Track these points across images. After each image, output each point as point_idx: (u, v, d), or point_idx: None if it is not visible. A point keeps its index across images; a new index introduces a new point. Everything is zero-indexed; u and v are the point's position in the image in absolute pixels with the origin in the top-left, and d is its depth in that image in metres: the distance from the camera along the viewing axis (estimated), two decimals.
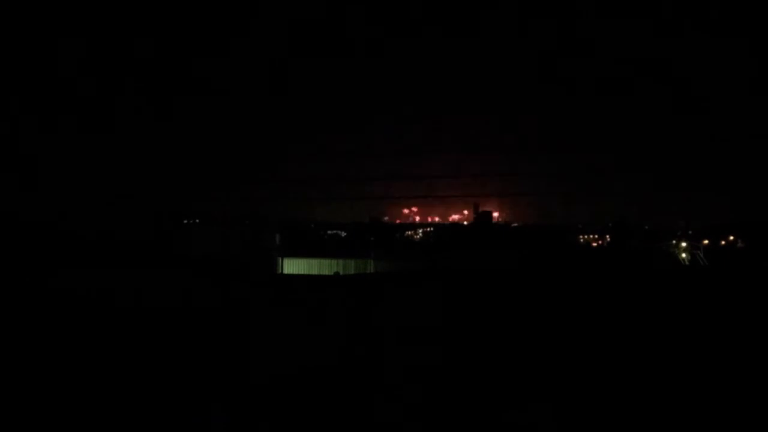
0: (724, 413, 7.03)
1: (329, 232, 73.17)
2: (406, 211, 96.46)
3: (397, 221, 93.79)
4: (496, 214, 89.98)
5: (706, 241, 53.99)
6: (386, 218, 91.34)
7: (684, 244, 48.95)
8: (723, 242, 65.16)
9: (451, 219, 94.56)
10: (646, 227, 72.60)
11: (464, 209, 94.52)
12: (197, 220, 47.33)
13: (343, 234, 71.87)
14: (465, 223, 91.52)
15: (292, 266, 38.93)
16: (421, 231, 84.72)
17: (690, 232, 57.26)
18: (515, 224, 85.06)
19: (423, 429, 6.47)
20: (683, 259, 46.80)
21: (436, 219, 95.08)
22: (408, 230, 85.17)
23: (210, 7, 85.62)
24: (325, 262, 39.01)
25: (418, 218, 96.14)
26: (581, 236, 76.25)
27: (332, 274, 36.25)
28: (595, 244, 73.91)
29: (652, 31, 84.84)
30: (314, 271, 37.87)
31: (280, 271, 37.97)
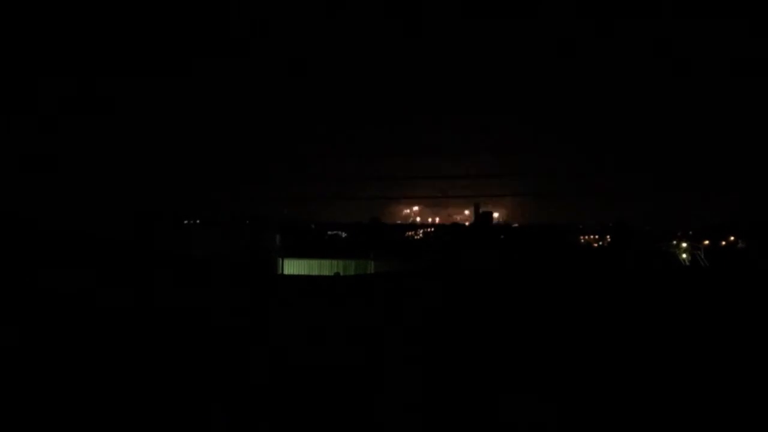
0: (725, 413, 7.01)
1: (329, 232, 73.16)
2: (406, 211, 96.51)
3: (397, 221, 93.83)
4: (496, 215, 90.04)
5: (706, 242, 54.02)
6: (386, 218, 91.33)
7: (684, 245, 49.00)
8: (723, 242, 65.11)
9: (451, 219, 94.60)
10: (647, 227, 72.60)
11: (464, 209, 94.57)
12: (197, 221, 47.33)
13: (344, 234, 71.88)
14: (465, 223, 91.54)
15: (292, 267, 38.97)
16: (421, 231, 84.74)
17: (690, 232, 57.27)
18: (515, 224, 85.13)
19: (423, 429, 6.44)
20: (684, 259, 46.82)
21: (437, 219, 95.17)
22: (408, 230, 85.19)
23: (211, 6, 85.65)
24: (326, 262, 39.06)
25: (418, 218, 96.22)
26: (581, 236, 76.22)
27: (332, 274, 36.26)
28: (595, 245, 73.88)
29: (652, 31, 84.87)
30: (314, 272, 37.90)
31: (280, 271, 38.01)
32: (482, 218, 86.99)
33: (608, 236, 73.60)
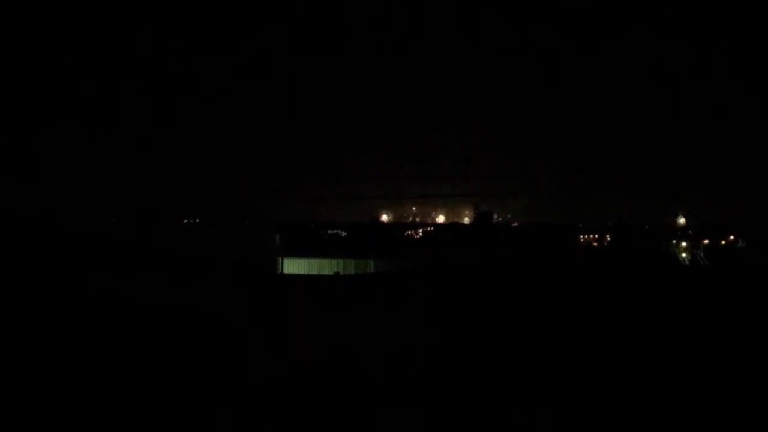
0: (725, 412, 7.03)
1: (329, 232, 73.08)
2: (406, 211, 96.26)
3: (397, 221, 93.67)
4: (496, 215, 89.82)
5: (706, 241, 54.03)
6: (386, 218, 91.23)
7: (684, 244, 49.09)
8: (723, 242, 65.07)
9: (451, 219, 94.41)
10: (646, 227, 72.50)
11: (464, 209, 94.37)
12: (197, 220, 47.30)
13: (343, 234, 71.80)
14: (465, 222, 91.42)
15: (292, 266, 38.94)
16: (421, 231, 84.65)
17: (690, 231, 57.29)
18: (515, 224, 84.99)
19: (424, 429, 6.46)
20: (683, 258, 46.86)
21: (436, 219, 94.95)
22: (408, 230, 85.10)
23: (211, 7, 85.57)
24: (325, 262, 39.02)
25: (418, 218, 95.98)
26: (581, 236, 76.11)
27: (332, 273, 36.24)
28: (595, 244, 73.80)
29: (651, 31, 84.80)
30: (314, 271, 37.87)
31: (280, 270, 37.98)
32: (482, 218, 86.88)
33: (608, 236, 73.52)
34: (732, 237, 65.91)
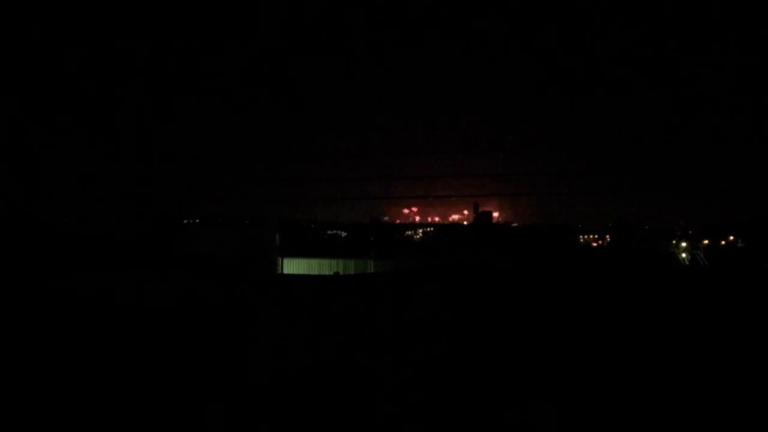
0: (725, 413, 7.02)
1: (329, 232, 73.20)
2: (406, 211, 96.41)
3: (397, 221, 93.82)
4: (496, 214, 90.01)
5: (706, 241, 54.11)
6: (386, 218, 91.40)
7: (684, 244, 49.15)
8: (723, 242, 65.12)
9: (451, 219, 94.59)
10: (646, 227, 72.58)
11: (464, 209, 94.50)
12: (197, 220, 47.37)
13: (343, 234, 71.92)
14: (465, 223, 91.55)
15: (292, 266, 38.97)
16: (421, 231, 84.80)
17: (690, 232, 57.40)
18: (515, 224, 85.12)
19: (423, 429, 6.45)
20: (683, 259, 46.88)
21: (436, 219, 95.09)
22: (408, 230, 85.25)
23: (209, 6, 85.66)
24: (325, 262, 39.05)
25: (418, 218, 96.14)
26: (581, 236, 76.22)
27: (332, 274, 36.25)
28: (595, 244, 73.88)
29: (651, 31, 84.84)
30: (314, 271, 37.89)
31: (280, 271, 38.00)
32: (482, 218, 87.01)
33: (608, 236, 73.60)
34: (732, 237, 65.95)
